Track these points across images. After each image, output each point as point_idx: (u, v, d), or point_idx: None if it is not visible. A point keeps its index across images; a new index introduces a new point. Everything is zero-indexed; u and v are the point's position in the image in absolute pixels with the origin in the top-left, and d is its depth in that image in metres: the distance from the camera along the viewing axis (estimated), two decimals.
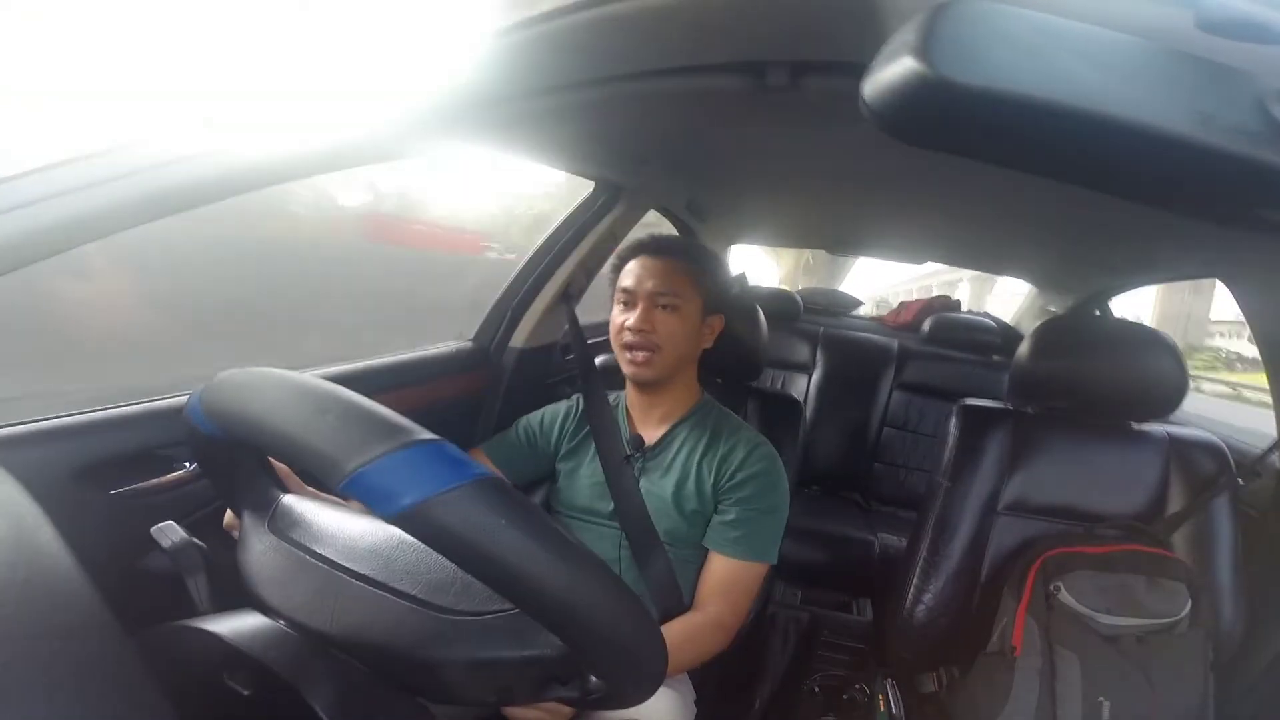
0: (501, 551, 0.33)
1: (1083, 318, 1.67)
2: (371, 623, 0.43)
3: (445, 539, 0.33)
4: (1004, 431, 0.99)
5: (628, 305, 0.91)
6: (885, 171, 1.10)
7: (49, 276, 0.51)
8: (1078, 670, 0.82)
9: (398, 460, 0.33)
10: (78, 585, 0.29)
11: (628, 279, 0.91)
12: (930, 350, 2.15)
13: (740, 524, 0.86)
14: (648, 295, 0.89)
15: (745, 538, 0.85)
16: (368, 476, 0.33)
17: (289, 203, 1.64)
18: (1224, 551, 0.93)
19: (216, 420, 0.43)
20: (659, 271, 0.90)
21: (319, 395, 0.38)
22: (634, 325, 0.88)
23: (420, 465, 0.34)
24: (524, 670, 0.41)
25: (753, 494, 0.87)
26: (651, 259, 0.91)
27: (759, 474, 0.88)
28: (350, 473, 0.33)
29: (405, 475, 0.33)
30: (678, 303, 0.89)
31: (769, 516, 0.88)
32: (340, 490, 0.34)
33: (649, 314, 0.88)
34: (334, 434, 0.36)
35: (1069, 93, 0.26)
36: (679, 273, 0.90)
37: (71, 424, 0.66)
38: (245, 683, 0.40)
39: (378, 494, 0.33)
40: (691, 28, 0.57)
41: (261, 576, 0.48)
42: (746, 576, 0.86)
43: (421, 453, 0.34)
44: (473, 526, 0.33)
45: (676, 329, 0.89)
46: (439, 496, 0.33)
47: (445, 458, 0.34)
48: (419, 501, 0.32)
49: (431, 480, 0.33)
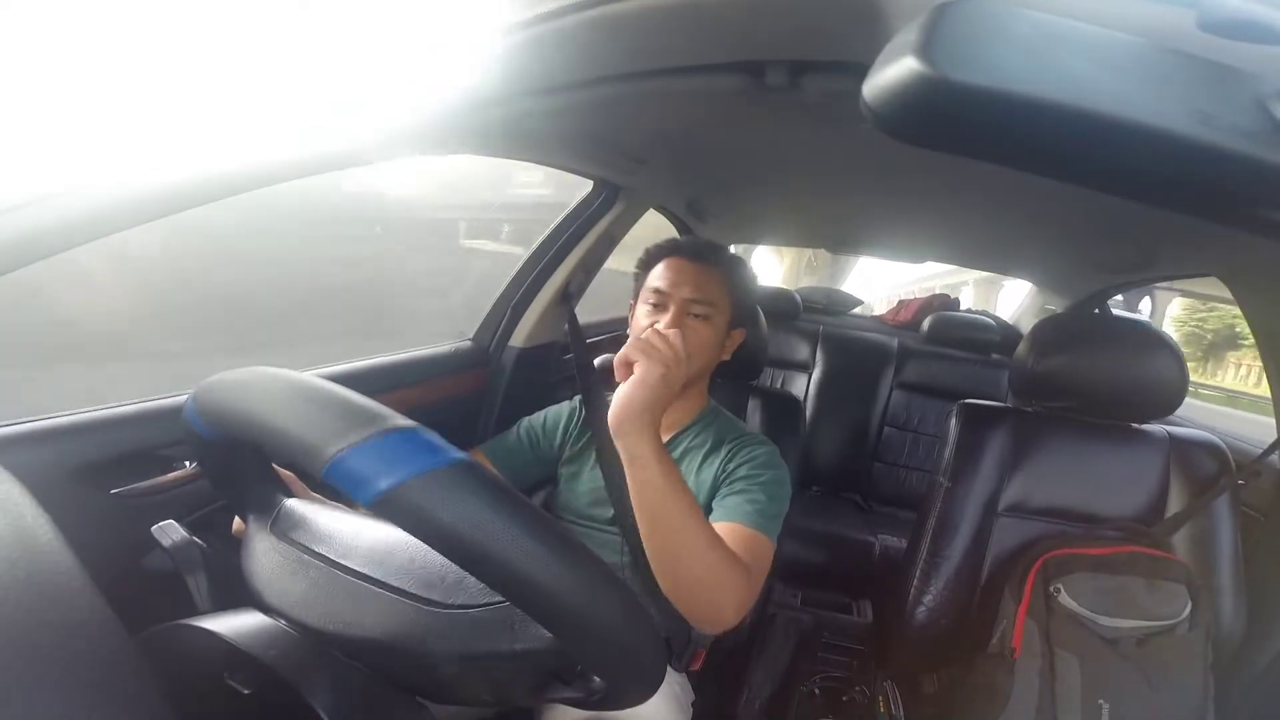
0: (480, 536, 0.33)
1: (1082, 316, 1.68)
2: (366, 619, 0.43)
3: (423, 523, 0.33)
4: (1004, 431, 0.99)
5: (658, 308, 0.86)
6: (885, 171, 1.10)
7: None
8: (1077, 672, 0.82)
9: (375, 445, 0.34)
10: (78, 584, 0.30)
11: (660, 280, 0.87)
12: (930, 349, 2.15)
13: (743, 493, 0.81)
14: (682, 301, 0.84)
15: (753, 510, 0.79)
16: (346, 462, 0.33)
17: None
18: (1224, 552, 0.93)
19: (210, 420, 0.44)
20: (695, 278, 0.86)
21: (301, 387, 0.39)
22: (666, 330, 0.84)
23: (397, 450, 0.34)
24: (517, 665, 0.41)
25: (752, 471, 0.83)
26: (688, 263, 0.87)
27: (758, 455, 0.85)
28: (330, 459, 0.33)
29: (382, 460, 0.33)
30: (711, 312, 0.85)
31: (770, 495, 0.81)
32: (323, 477, 0.34)
33: (680, 320, 0.83)
34: (314, 423, 0.36)
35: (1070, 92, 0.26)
36: (715, 281, 0.86)
37: (71, 423, 0.66)
38: (246, 681, 0.40)
39: (356, 479, 0.33)
40: (691, 27, 0.57)
41: (262, 577, 0.48)
42: (757, 546, 0.76)
43: (398, 438, 0.34)
44: (450, 510, 0.33)
45: (706, 340, 0.85)
46: (415, 480, 0.33)
47: (421, 442, 0.34)
48: (395, 485, 0.33)
49: (407, 464, 0.33)
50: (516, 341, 1.34)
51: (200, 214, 0.61)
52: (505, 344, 1.34)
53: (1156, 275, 1.63)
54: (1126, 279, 1.71)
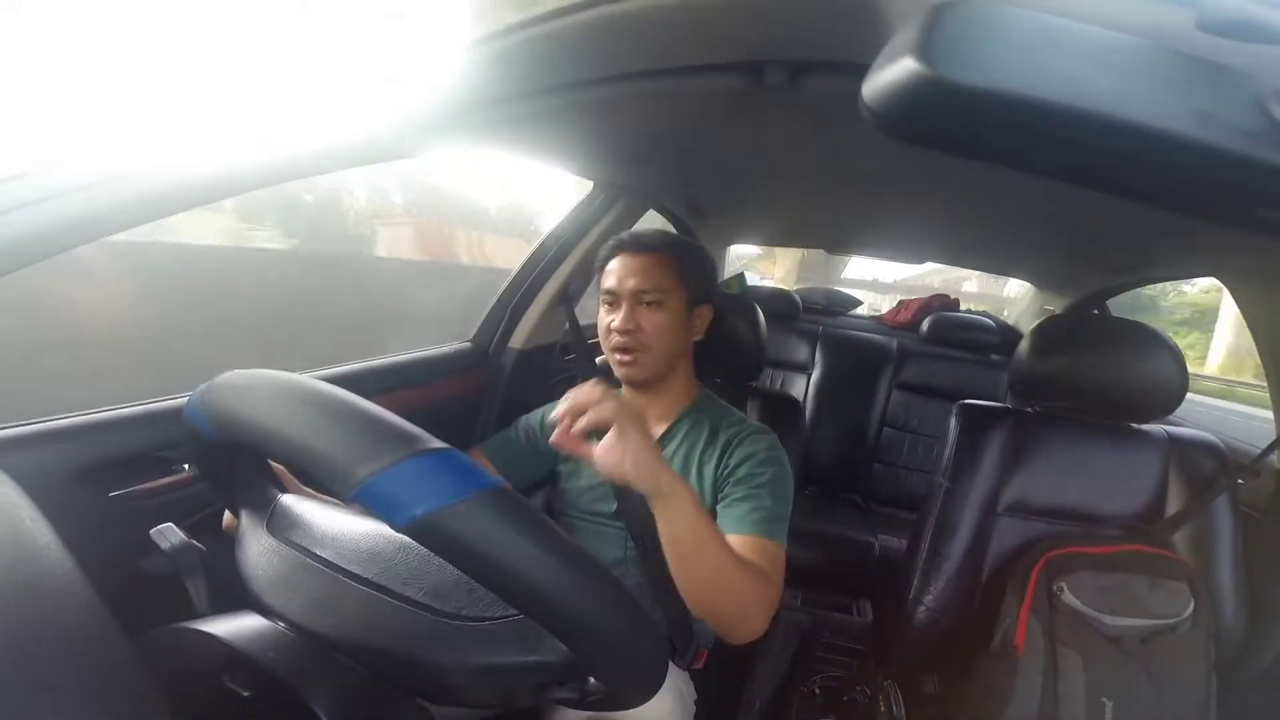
0: (512, 561, 0.33)
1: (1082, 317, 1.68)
2: (375, 626, 0.43)
3: (457, 549, 0.34)
4: (1004, 431, 0.99)
5: (612, 306, 0.89)
6: (884, 171, 1.10)
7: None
8: (1081, 670, 0.82)
9: (409, 469, 0.33)
10: (77, 587, 0.29)
11: (610, 279, 0.89)
12: (929, 350, 2.15)
13: (748, 499, 0.81)
14: (631, 294, 0.87)
15: (761, 518, 0.79)
16: (379, 485, 0.33)
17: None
18: (1224, 551, 0.93)
19: (219, 423, 0.43)
20: (639, 268, 0.88)
21: (327, 401, 0.38)
22: (619, 326, 0.86)
23: (431, 474, 0.34)
24: (528, 675, 0.41)
25: (753, 471, 0.83)
26: (631, 256, 0.89)
27: (757, 451, 0.85)
28: (361, 481, 0.33)
29: (416, 485, 0.33)
30: (662, 298, 0.87)
31: (773, 492, 0.82)
32: (352, 499, 0.34)
33: (633, 313, 0.86)
34: (344, 442, 0.36)
35: (1069, 92, 0.26)
36: (660, 267, 0.88)
37: (70, 426, 0.66)
38: (245, 684, 0.40)
39: (389, 503, 0.33)
40: (690, 28, 0.57)
41: (261, 579, 0.48)
42: (772, 553, 0.77)
43: (432, 461, 0.34)
44: (484, 537, 0.33)
45: (663, 325, 0.87)
46: (451, 507, 0.33)
47: (456, 467, 0.34)
48: (431, 511, 0.33)
49: (443, 490, 0.33)
50: (516, 342, 1.34)
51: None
52: (505, 345, 1.34)
53: (1156, 275, 1.64)
54: (1126, 279, 1.71)
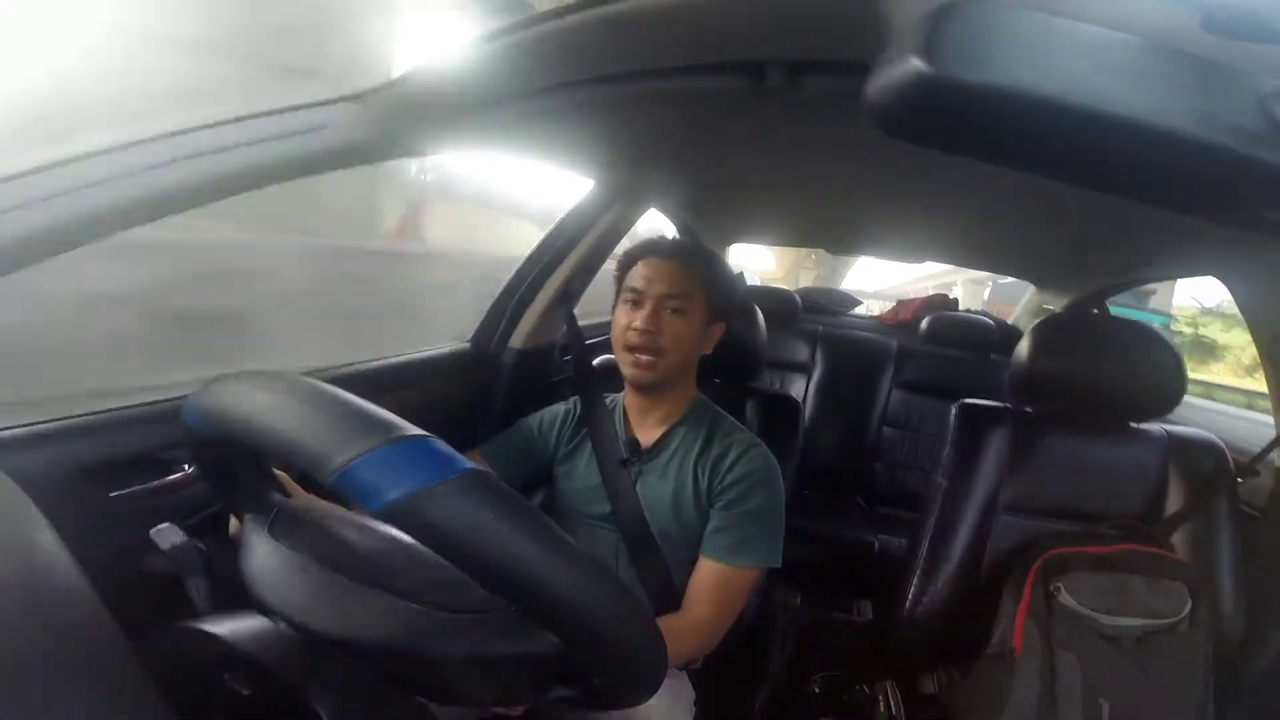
0: (490, 545, 0.33)
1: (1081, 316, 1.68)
2: (370, 621, 0.42)
3: (434, 533, 0.34)
4: (1003, 431, 0.99)
5: (635, 306, 0.90)
6: (884, 171, 1.10)
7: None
8: (1078, 671, 0.82)
9: (385, 455, 0.33)
10: (78, 587, 0.30)
11: (636, 279, 0.90)
12: (929, 349, 2.15)
13: (729, 530, 0.85)
14: (657, 297, 0.88)
15: (734, 543, 0.85)
16: (355, 471, 0.33)
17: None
18: (1224, 551, 0.93)
19: (211, 422, 0.43)
20: (669, 274, 0.89)
21: (307, 393, 0.39)
22: (641, 326, 0.87)
23: (407, 459, 0.34)
24: (522, 668, 0.41)
25: (741, 495, 0.86)
26: (663, 261, 0.90)
27: (749, 474, 0.87)
28: (338, 468, 0.33)
29: (392, 469, 0.33)
30: (686, 306, 0.88)
31: (760, 520, 0.86)
32: (330, 485, 0.34)
33: (656, 316, 0.87)
34: (322, 430, 0.36)
35: (1071, 92, 0.26)
36: (689, 276, 0.89)
37: (71, 426, 0.66)
38: (245, 683, 0.40)
39: (365, 489, 0.33)
40: (690, 28, 0.57)
41: (262, 580, 0.48)
42: (735, 581, 0.84)
43: (409, 447, 0.34)
44: (460, 520, 0.33)
45: (683, 333, 0.89)
46: (426, 490, 0.33)
47: (432, 452, 0.34)
48: (406, 495, 0.33)
49: (418, 474, 0.33)
50: (516, 342, 1.34)
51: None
52: (505, 345, 1.34)
53: (1156, 275, 1.64)
54: (1126, 278, 1.71)
